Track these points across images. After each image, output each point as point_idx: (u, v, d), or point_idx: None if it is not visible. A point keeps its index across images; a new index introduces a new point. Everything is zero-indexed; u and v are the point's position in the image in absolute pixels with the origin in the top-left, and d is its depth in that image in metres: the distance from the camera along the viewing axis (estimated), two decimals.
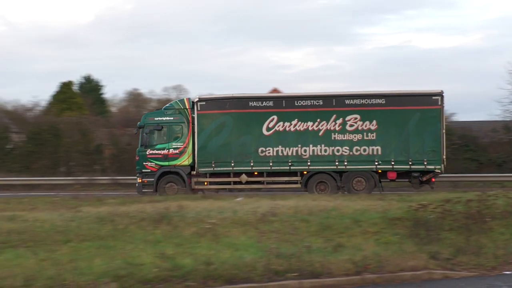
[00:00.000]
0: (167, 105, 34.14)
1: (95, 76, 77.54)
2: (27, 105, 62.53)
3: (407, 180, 31.00)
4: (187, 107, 31.69)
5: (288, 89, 64.03)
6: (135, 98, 76.16)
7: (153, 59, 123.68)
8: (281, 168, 30.74)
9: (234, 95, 32.35)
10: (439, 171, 29.87)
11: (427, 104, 30.07)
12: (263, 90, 67.06)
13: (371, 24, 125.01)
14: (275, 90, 51.17)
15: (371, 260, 13.51)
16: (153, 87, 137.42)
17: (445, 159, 29.86)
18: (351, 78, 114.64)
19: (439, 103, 29.89)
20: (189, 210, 20.56)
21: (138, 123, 32.61)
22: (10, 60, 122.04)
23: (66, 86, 66.52)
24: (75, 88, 69.58)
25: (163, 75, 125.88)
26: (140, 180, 31.67)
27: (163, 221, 18.04)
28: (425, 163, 29.72)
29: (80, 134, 47.94)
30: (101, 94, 76.08)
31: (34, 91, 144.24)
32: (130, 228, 17.32)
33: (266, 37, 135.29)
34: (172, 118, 31.73)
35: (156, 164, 31.48)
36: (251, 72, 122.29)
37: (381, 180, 30.71)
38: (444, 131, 29.97)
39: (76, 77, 76.41)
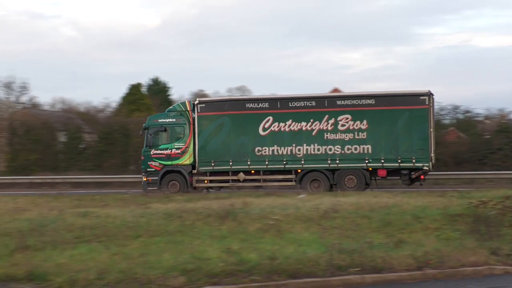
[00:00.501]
0: (170, 107, 35.30)
1: (163, 78, 78.24)
2: (99, 107, 63.61)
3: (397, 177, 31.08)
4: (188, 109, 32.54)
5: (348, 89, 63.34)
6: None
7: (217, 61, 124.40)
8: (277, 166, 31.28)
9: (231, 97, 34.05)
10: (427, 168, 29.98)
11: (415, 104, 30.21)
12: (323, 90, 66.67)
13: (430, 25, 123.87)
14: (335, 90, 50.98)
15: (432, 255, 13.32)
16: (217, 87, 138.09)
17: (433, 157, 30.01)
18: (410, 78, 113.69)
19: (427, 103, 29.95)
20: (253, 206, 20.63)
21: (144, 124, 33.58)
22: (82, 64, 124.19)
23: (135, 88, 67.23)
24: (143, 89, 70.30)
25: (227, 76, 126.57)
26: (145, 179, 32.55)
27: (229, 217, 18.13)
28: (414, 161, 29.91)
29: None
30: (168, 95, 76.64)
31: (105, 93, 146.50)
32: (197, 224, 17.44)
33: (326, 38, 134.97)
34: (174, 120, 32.58)
35: (160, 163, 32.37)
36: (312, 73, 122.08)
37: (373, 177, 31.07)
38: (432, 129, 30.00)
39: (144, 79, 77.12)
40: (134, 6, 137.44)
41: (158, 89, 75.80)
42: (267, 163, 31.28)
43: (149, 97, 68.51)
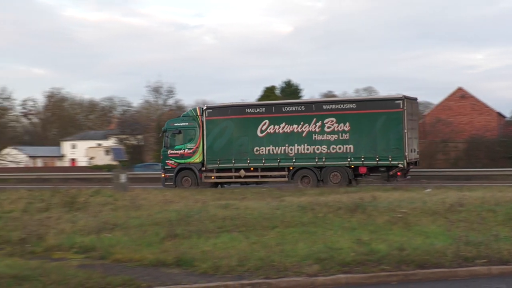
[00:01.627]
0: (184, 112, 37.56)
1: (295, 80, 78.55)
2: None
3: (377, 174, 31.76)
4: (198, 114, 34.42)
5: (472, 90, 61.53)
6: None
7: (346, 63, 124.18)
8: (272, 164, 32.82)
9: (233, 104, 35.54)
10: (402, 166, 30.63)
11: (391, 107, 31.03)
12: (448, 90, 64.86)
13: None
14: (459, 90, 49.60)
15: None
16: (345, 89, 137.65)
17: (407, 156, 30.61)
18: None
19: (401, 106, 30.73)
20: (381, 200, 20.41)
21: (162, 128, 36.13)
22: (221, 69, 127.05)
23: (269, 90, 67.94)
24: (277, 92, 70.88)
25: (355, 77, 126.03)
26: (163, 175, 35.00)
27: (358, 210, 18.01)
28: (390, 159, 30.77)
29: None
30: (300, 96, 76.79)
31: (241, 95, 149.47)
32: (328, 216, 17.41)
33: (451, 40, 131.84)
34: (187, 124, 34.59)
35: (175, 161, 34.51)
36: (437, 73, 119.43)
37: (355, 174, 31.86)
38: (406, 131, 30.63)
39: (278, 82, 77.90)
40: (268, 16, 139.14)
41: (291, 91, 76.15)
42: (264, 161, 32.88)
43: (282, 99, 68.93)
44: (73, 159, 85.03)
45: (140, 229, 15.95)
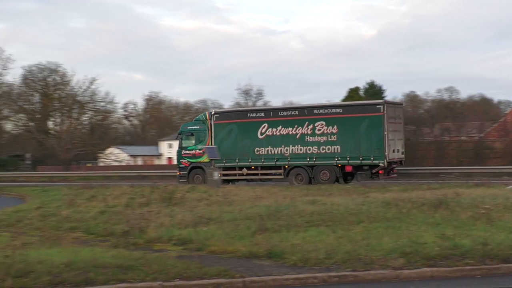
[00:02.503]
0: (196, 117, 39.45)
1: (378, 81, 77.63)
2: None
3: (361, 172, 32.88)
4: (207, 119, 36.41)
5: None
6: (412, 100, 75.17)
7: (428, 65, 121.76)
8: (270, 163, 34.35)
9: (237, 109, 38.89)
10: (382, 165, 31.53)
11: (373, 111, 32.16)
12: None
13: None
14: None
15: None
16: (427, 89, 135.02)
17: (387, 156, 31.54)
18: None
19: (382, 111, 31.81)
20: (464, 196, 19.90)
21: (178, 131, 38.57)
22: (307, 72, 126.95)
23: (353, 92, 67.43)
24: (361, 93, 70.23)
25: (436, 78, 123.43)
26: (178, 173, 36.87)
27: (441, 206, 17.59)
28: (372, 158, 31.83)
29: None
30: (383, 97, 75.62)
31: (327, 97, 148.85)
32: (412, 212, 17.11)
33: None
34: (198, 127, 36.60)
35: (188, 161, 36.42)
36: None
37: (343, 172, 33.03)
38: (386, 133, 31.59)
39: (361, 83, 77.04)
40: (352, 20, 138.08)
41: (374, 92, 75.21)
42: (263, 160, 34.50)
43: (366, 99, 68.24)
44: (170, 158, 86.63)
45: (233, 223, 16.09)
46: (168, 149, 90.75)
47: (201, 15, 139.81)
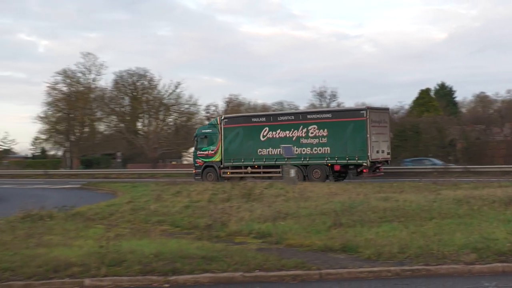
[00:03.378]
0: (210, 121, 42.31)
1: (448, 83, 76.14)
2: (394, 109, 63.42)
3: (348, 170, 34.32)
4: (218, 123, 38.46)
5: None
6: (482, 100, 73.16)
7: (498, 66, 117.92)
8: (270, 163, 36.10)
9: (243, 114, 41.87)
10: (366, 164, 33.00)
11: (358, 116, 33.63)
12: None
13: None
14: None
15: None
16: (497, 89, 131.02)
17: (370, 156, 32.94)
18: None
19: (365, 116, 33.18)
20: None
21: (194, 134, 41.11)
22: (379, 74, 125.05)
23: (424, 93, 66.17)
24: (431, 94, 68.82)
25: (507, 79, 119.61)
26: (194, 171, 39.24)
27: None
28: (357, 158, 33.43)
29: (436, 131, 47.37)
30: (453, 98, 74.26)
31: (398, 98, 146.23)
32: (483, 209, 16.68)
33: None
34: (211, 130, 38.75)
35: (202, 160, 38.57)
36: None
37: (332, 171, 34.37)
38: (369, 135, 32.89)
39: (432, 85, 75.53)
40: (423, 24, 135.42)
41: (444, 93, 73.77)
42: (264, 160, 36.28)
43: (437, 100, 66.89)
44: None
45: (309, 218, 16.05)
46: None
47: (279, 22, 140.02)
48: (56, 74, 71.81)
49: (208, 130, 39.09)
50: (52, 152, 79.75)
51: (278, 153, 35.18)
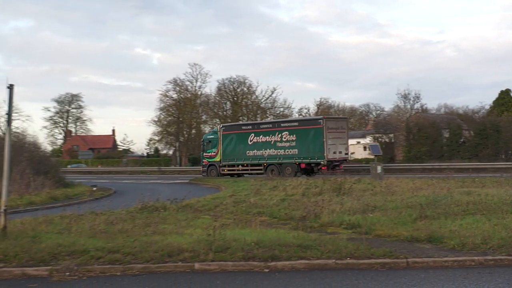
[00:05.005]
0: (213, 129, 47.44)
1: None
2: (474, 109, 61.33)
3: (312, 167, 37.60)
4: (219, 130, 43.03)
5: None
6: None
7: None
8: (255, 162, 40.20)
9: (236, 123, 47.37)
10: (323, 163, 36.56)
11: (317, 124, 37.51)
12: None
13: None
14: None
15: None
16: None
17: (326, 156, 36.41)
18: None
19: (322, 124, 36.99)
20: None
21: (201, 139, 45.79)
22: (461, 77, 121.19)
23: (504, 93, 63.72)
24: (511, 94, 65.89)
25: None
26: (202, 169, 44.17)
27: None
28: (316, 158, 36.98)
29: None
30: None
31: (478, 98, 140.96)
32: None
33: None
34: (213, 136, 43.33)
35: (207, 160, 43.26)
36: None
37: (300, 168, 37.87)
38: (325, 140, 36.50)
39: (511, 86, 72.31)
40: (503, 28, 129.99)
41: None
42: (251, 160, 40.38)
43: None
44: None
45: (395, 211, 15.73)
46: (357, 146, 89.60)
47: (365, 31, 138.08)
48: (167, 83, 74.40)
49: (211, 136, 43.68)
50: (164, 151, 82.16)
51: (261, 154, 39.91)
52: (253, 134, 40.48)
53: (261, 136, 39.95)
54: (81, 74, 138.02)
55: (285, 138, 38.67)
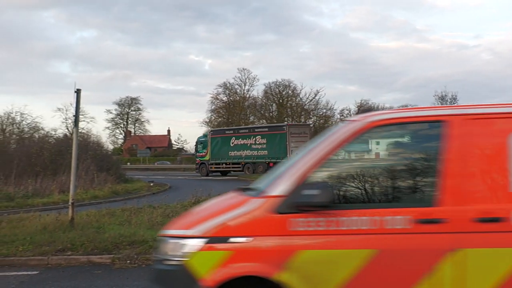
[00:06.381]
0: (204, 133, 51.32)
1: None
2: None
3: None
4: (208, 134, 46.97)
5: None
6: None
7: None
8: (236, 161, 44.17)
9: (220, 128, 52.74)
10: None
11: (281, 130, 41.82)
12: None
13: None
14: None
15: None
16: None
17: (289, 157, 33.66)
18: None
19: (285, 130, 41.33)
20: None
21: (195, 141, 48.84)
22: (496, 79, 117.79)
23: None
24: None
25: None
26: (195, 167, 48.45)
27: None
28: (281, 159, 36.72)
29: None
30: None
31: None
32: None
33: None
34: (205, 139, 46.83)
35: (199, 159, 47.22)
36: None
37: (270, 167, 39.97)
38: (288, 143, 40.47)
39: None
40: None
41: None
42: (232, 159, 44.30)
43: None
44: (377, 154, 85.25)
45: None
46: (376, 146, 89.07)
47: (404, 36, 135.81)
48: (218, 86, 75.35)
49: (203, 139, 47.13)
50: None
51: (239, 154, 43.63)
52: (234, 138, 44.64)
53: (240, 139, 44.05)
54: (140, 79, 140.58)
55: (258, 141, 42.96)
